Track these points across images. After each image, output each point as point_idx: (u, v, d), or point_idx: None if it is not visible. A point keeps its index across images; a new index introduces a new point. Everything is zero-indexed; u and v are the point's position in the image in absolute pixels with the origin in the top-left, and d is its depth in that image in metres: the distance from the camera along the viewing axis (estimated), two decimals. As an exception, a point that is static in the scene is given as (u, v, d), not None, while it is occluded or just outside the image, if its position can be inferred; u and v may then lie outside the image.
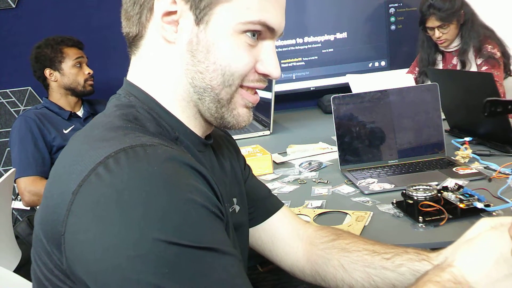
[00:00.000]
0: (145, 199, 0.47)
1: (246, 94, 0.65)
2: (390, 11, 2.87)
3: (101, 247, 0.47)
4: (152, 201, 0.48)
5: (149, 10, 0.61)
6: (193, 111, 0.65)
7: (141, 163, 0.49)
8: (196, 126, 0.66)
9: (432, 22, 2.13)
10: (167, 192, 0.49)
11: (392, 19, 2.88)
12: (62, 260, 0.52)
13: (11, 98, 2.78)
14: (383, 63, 2.90)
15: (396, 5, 2.87)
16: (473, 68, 2.16)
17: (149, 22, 0.62)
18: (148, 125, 0.60)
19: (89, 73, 2.14)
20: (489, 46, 2.12)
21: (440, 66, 2.31)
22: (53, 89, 2.11)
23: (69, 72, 2.09)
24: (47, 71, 2.08)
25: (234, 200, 0.78)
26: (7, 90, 2.77)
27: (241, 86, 0.64)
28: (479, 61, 2.12)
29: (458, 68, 2.20)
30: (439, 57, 2.32)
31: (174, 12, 0.59)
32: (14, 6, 2.67)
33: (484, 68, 2.09)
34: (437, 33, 2.15)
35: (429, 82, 1.87)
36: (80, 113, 2.17)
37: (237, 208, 0.78)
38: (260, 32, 0.62)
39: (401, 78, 2.26)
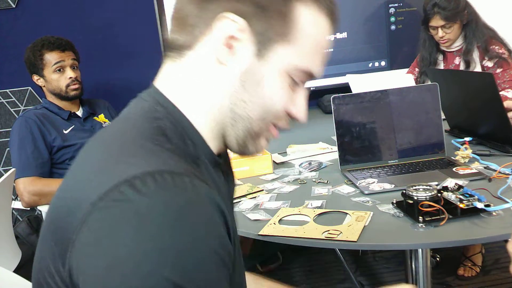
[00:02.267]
0: (165, 233, 0.47)
1: (273, 129, 0.67)
2: (390, 11, 2.87)
3: (107, 266, 0.46)
4: (171, 238, 0.47)
5: (208, 27, 0.60)
6: (219, 133, 0.65)
7: (168, 193, 0.48)
8: (215, 146, 0.66)
9: (436, 21, 2.12)
10: (187, 232, 0.48)
11: (392, 19, 2.88)
12: (65, 266, 0.51)
13: (11, 98, 2.78)
14: (383, 63, 2.90)
15: (396, 5, 2.87)
16: (478, 68, 2.16)
17: (205, 36, 0.60)
18: (174, 141, 0.59)
19: (70, 78, 2.05)
20: (496, 47, 2.11)
21: (441, 66, 2.31)
22: (45, 92, 2.11)
23: (51, 78, 2.04)
24: (34, 77, 2.07)
25: None
26: (7, 90, 2.77)
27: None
28: (490, 64, 2.11)
29: (462, 68, 2.20)
30: (440, 57, 2.31)
31: (237, 39, 0.59)
32: (14, 6, 2.67)
33: (499, 70, 2.08)
34: (440, 33, 2.15)
35: (430, 82, 1.87)
36: (79, 113, 2.17)
37: None
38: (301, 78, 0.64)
39: (401, 78, 2.26)
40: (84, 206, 0.49)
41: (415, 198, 1.06)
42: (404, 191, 1.12)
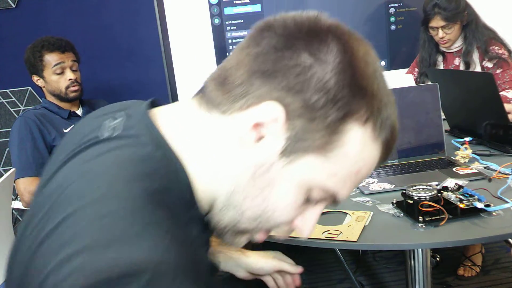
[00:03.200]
0: None
1: (261, 234, 0.58)
2: (390, 11, 2.87)
3: None
4: None
5: (249, 106, 0.52)
6: (208, 202, 0.56)
7: None
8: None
9: (436, 22, 2.12)
10: None
11: (392, 19, 2.88)
12: None
13: (11, 98, 2.78)
14: (383, 63, 2.89)
15: (396, 5, 2.87)
16: (477, 69, 2.16)
17: (241, 112, 0.52)
18: (172, 207, 0.50)
19: (70, 79, 2.04)
20: (496, 47, 2.11)
21: (441, 67, 2.31)
22: (45, 92, 2.11)
23: (50, 80, 2.03)
24: (34, 78, 2.07)
25: None
26: (7, 90, 2.77)
27: None
28: (490, 64, 2.11)
29: (461, 69, 2.20)
30: (440, 58, 2.31)
31: (269, 128, 0.52)
32: (14, 6, 2.67)
33: (499, 71, 2.08)
34: (440, 33, 2.15)
35: (429, 83, 1.87)
36: (79, 112, 2.16)
37: None
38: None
39: (401, 78, 2.26)
40: (40, 272, 0.43)
41: (415, 198, 1.06)
42: (404, 191, 1.12)
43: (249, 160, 0.53)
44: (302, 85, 0.50)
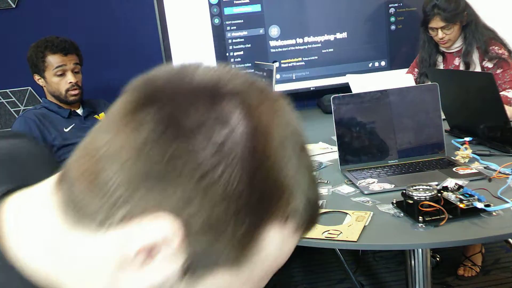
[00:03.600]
0: None
1: None
2: (390, 11, 2.87)
3: None
4: None
5: (129, 214, 0.37)
6: None
7: None
8: None
9: (436, 23, 2.12)
10: None
11: (392, 19, 2.88)
12: None
13: (11, 98, 2.78)
14: (383, 63, 2.90)
15: (396, 5, 2.87)
16: (477, 69, 2.16)
17: (119, 225, 0.37)
18: None
19: (71, 82, 2.03)
20: (496, 47, 2.11)
21: (441, 67, 2.31)
22: (45, 92, 2.12)
23: (51, 81, 2.04)
24: (35, 76, 2.08)
25: None
26: (7, 90, 2.77)
27: None
28: (490, 64, 2.11)
29: (461, 69, 2.20)
30: (440, 59, 2.31)
31: (161, 250, 0.38)
32: (14, 6, 2.67)
33: (499, 71, 2.08)
34: (440, 34, 2.15)
35: (429, 83, 1.87)
36: (80, 111, 2.17)
37: None
38: None
39: (401, 78, 2.27)
40: None
41: (415, 198, 1.07)
42: (404, 191, 1.12)
43: (138, 283, 0.39)
44: (204, 192, 0.37)
